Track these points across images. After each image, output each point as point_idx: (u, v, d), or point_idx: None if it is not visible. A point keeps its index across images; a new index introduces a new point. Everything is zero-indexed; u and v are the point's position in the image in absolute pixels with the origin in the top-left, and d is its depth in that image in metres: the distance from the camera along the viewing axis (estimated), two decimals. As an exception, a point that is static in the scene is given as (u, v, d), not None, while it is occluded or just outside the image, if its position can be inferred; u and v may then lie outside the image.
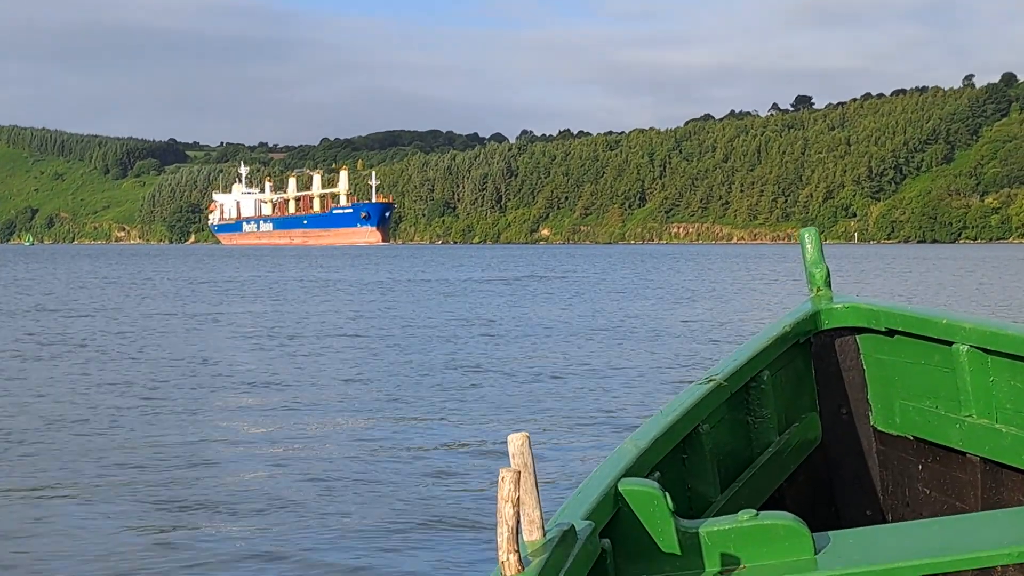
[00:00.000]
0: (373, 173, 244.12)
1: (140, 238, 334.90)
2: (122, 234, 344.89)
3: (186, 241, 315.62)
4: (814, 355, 5.05)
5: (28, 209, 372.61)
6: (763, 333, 4.89)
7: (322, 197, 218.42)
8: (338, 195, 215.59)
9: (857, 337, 5.02)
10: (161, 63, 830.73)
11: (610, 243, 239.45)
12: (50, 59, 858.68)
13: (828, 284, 5.15)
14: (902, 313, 4.82)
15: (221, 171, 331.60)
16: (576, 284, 46.42)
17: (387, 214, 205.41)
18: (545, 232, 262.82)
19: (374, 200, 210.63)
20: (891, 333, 4.87)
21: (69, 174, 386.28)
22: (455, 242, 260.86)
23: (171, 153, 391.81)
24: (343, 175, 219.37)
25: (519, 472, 2.63)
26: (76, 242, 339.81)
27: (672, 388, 14.27)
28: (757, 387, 4.66)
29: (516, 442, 2.72)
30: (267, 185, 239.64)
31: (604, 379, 15.73)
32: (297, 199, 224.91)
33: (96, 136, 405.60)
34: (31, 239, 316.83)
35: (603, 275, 55.84)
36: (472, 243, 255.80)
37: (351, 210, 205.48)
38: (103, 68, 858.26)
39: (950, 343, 4.60)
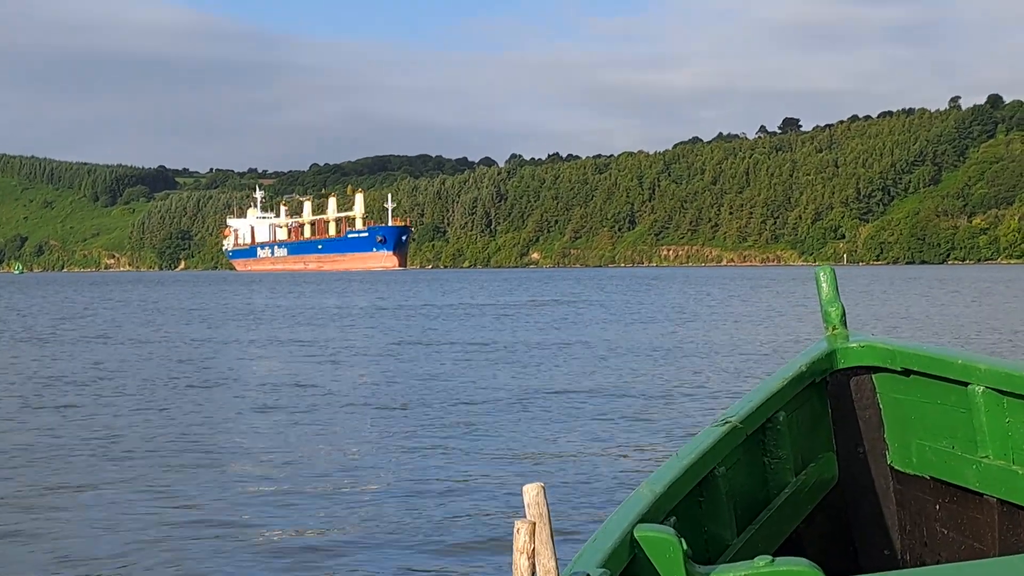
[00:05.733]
0: (389, 196, 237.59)
1: (130, 265, 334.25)
2: (112, 261, 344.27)
3: (176, 268, 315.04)
4: (830, 394, 5.05)
5: (17, 237, 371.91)
6: (778, 373, 4.87)
7: (337, 221, 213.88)
8: (354, 219, 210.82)
9: (873, 376, 5.01)
10: (149, 89, 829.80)
11: (600, 266, 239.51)
12: (38, 86, 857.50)
13: (844, 323, 5.13)
14: (918, 353, 4.82)
15: (211, 197, 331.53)
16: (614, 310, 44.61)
17: (404, 238, 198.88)
18: (535, 256, 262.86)
19: (390, 223, 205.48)
20: (907, 373, 4.87)
21: (58, 202, 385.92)
22: (445, 266, 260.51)
23: (160, 180, 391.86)
24: (358, 198, 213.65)
25: (534, 523, 2.61)
26: (66, 270, 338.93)
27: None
28: (773, 428, 4.65)
29: (531, 492, 2.69)
30: (282, 209, 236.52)
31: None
32: (312, 223, 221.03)
33: (85, 164, 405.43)
34: (20, 267, 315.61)
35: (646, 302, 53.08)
36: (462, 267, 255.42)
37: (367, 234, 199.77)
38: (91, 95, 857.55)
39: (966, 384, 4.60)
